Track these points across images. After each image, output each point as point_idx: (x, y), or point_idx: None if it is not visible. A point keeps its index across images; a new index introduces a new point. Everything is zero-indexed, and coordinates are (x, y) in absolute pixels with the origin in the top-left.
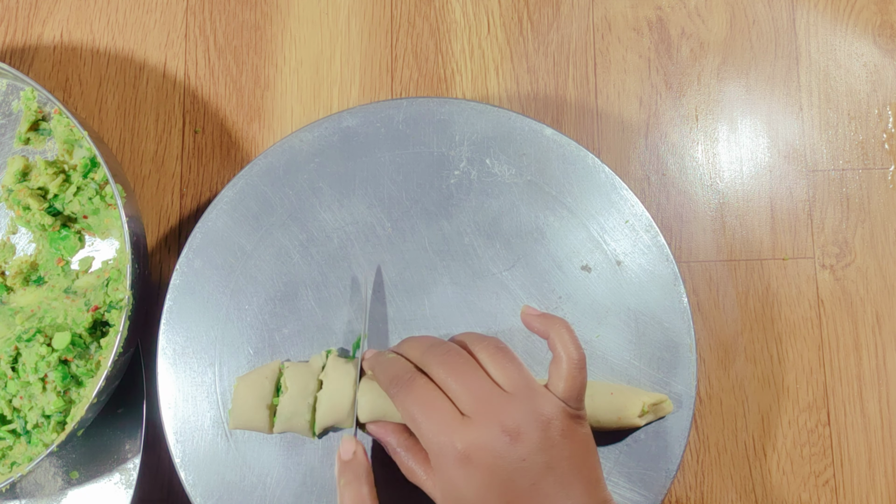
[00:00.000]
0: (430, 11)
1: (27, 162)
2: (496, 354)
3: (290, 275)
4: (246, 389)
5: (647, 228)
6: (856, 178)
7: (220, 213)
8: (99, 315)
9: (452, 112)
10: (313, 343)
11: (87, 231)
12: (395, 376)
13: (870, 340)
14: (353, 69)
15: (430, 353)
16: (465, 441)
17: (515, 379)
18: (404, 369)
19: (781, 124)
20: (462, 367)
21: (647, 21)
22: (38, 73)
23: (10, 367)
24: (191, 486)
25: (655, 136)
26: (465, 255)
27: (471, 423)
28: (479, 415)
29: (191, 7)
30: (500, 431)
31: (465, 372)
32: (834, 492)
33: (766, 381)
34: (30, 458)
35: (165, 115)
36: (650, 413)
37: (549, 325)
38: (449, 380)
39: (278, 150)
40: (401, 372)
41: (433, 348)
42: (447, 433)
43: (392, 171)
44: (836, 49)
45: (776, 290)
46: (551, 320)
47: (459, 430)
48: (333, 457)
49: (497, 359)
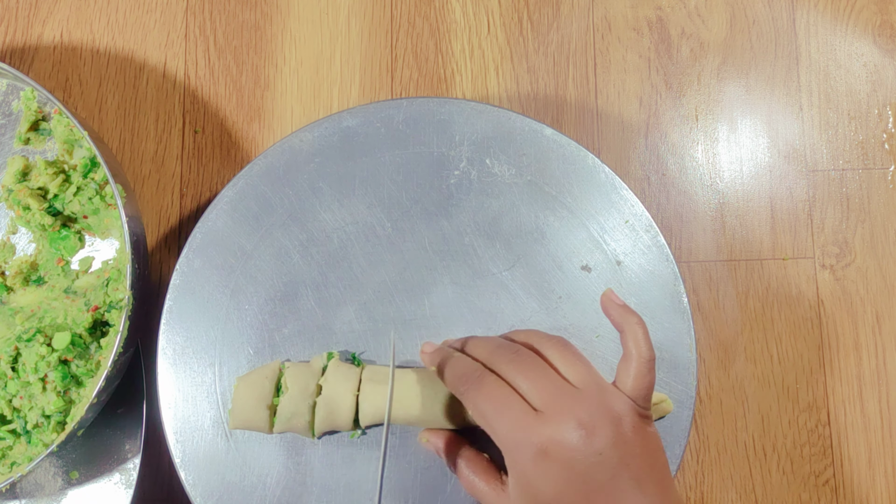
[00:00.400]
0: (430, 11)
1: (27, 162)
2: (564, 352)
3: (290, 275)
4: (246, 389)
5: (647, 228)
6: (856, 178)
7: (220, 213)
8: (99, 315)
9: (452, 112)
10: (313, 343)
11: (87, 231)
12: (464, 374)
13: (870, 340)
14: (353, 69)
15: (498, 353)
16: (542, 436)
17: (584, 376)
18: (473, 367)
19: (781, 124)
20: (531, 365)
21: (647, 21)
22: (38, 73)
23: (10, 367)
24: (191, 486)
25: (655, 136)
26: (465, 255)
27: (545, 419)
28: (553, 410)
29: (191, 7)
30: (575, 426)
31: (535, 370)
32: (834, 492)
33: (766, 381)
34: (30, 458)
35: (165, 115)
36: None
37: (627, 318)
38: (519, 378)
39: (278, 150)
40: (470, 370)
41: (501, 348)
42: (523, 429)
43: (392, 171)
44: (836, 49)
45: (776, 290)
46: (629, 315)
47: (534, 425)
48: (333, 457)
49: (565, 356)
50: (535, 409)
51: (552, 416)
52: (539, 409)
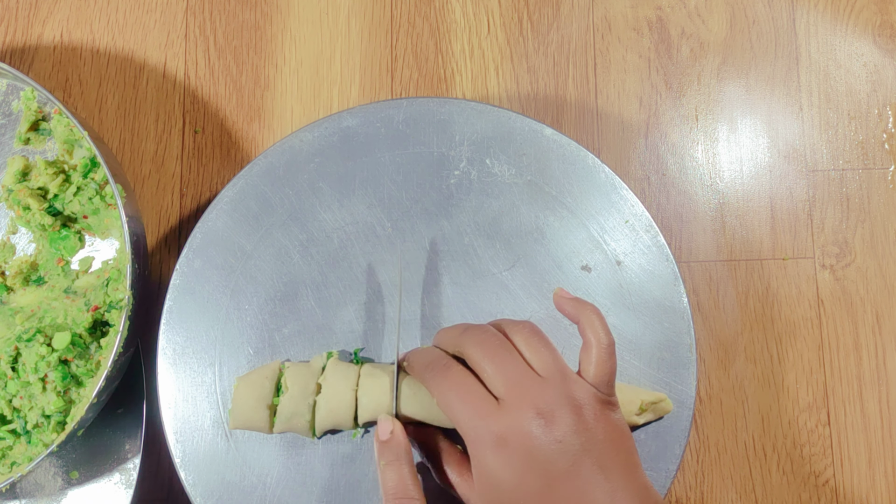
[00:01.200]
0: (430, 11)
1: (27, 162)
2: (531, 338)
3: (290, 275)
4: (246, 389)
5: (647, 228)
6: (856, 178)
7: (220, 213)
8: (99, 315)
9: (452, 112)
10: (313, 343)
11: (87, 231)
12: (430, 363)
13: (870, 340)
14: (353, 69)
15: (467, 335)
16: (501, 424)
17: (549, 363)
18: (439, 356)
19: (781, 124)
20: (497, 348)
21: (647, 21)
22: (38, 73)
23: (10, 367)
24: (191, 486)
25: (655, 136)
26: (465, 255)
27: (505, 407)
28: (513, 398)
29: (191, 7)
30: (534, 414)
31: (500, 354)
32: (834, 492)
33: (766, 381)
34: (30, 458)
35: (165, 115)
36: (649, 412)
37: (581, 309)
38: (484, 361)
39: (278, 150)
40: (436, 359)
41: (469, 330)
42: (483, 417)
43: (392, 171)
44: (836, 49)
45: (776, 290)
46: (582, 305)
47: (494, 414)
48: (333, 457)
49: (532, 343)
50: (497, 397)
51: (512, 405)
52: (500, 397)
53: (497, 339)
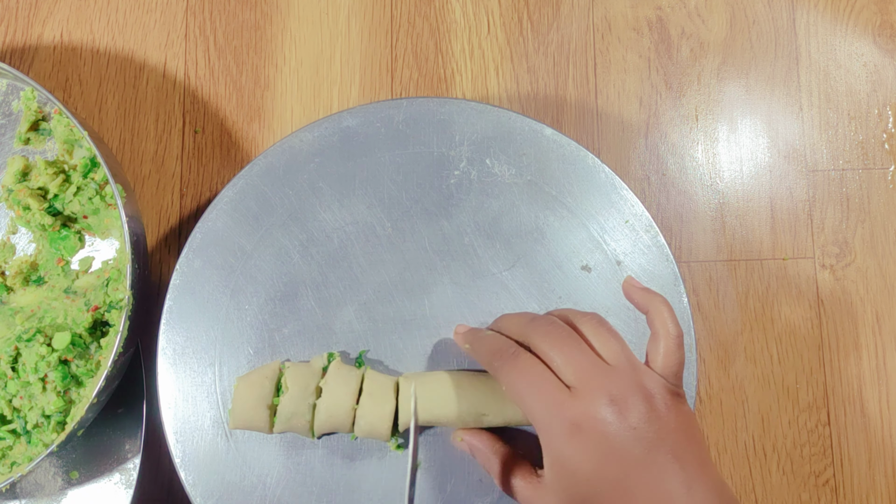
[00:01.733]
0: (430, 11)
1: (27, 162)
2: (598, 328)
3: (290, 275)
4: (246, 389)
5: (647, 228)
6: (856, 178)
7: (220, 213)
8: (99, 315)
9: (452, 112)
10: (313, 343)
11: (87, 231)
12: (498, 350)
13: (870, 340)
14: (353, 69)
15: (533, 326)
16: (574, 411)
17: (617, 353)
18: (507, 344)
19: (781, 124)
20: (565, 339)
21: (647, 21)
22: (38, 73)
23: (10, 367)
24: (191, 486)
25: (655, 136)
26: (465, 255)
27: (577, 395)
28: (585, 386)
29: (191, 7)
30: (607, 401)
31: (568, 344)
32: (834, 492)
33: (766, 381)
34: (30, 458)
35: (165, 115)
36: None
37: (650, 300)
38: (552, 352)
39: (278, 150)
40: (503, 347)
41: (535, 321)
42: (556, 405)
43: (392, 171)
44: (836, 49)
45: (776, 290)
46: (652, 296)
47: (567, 401)
48: (333, 457)
49: (599, 332)
50: (568, 385)
51: (584, 393)
52: (571, 385)
53: (565, 329)
